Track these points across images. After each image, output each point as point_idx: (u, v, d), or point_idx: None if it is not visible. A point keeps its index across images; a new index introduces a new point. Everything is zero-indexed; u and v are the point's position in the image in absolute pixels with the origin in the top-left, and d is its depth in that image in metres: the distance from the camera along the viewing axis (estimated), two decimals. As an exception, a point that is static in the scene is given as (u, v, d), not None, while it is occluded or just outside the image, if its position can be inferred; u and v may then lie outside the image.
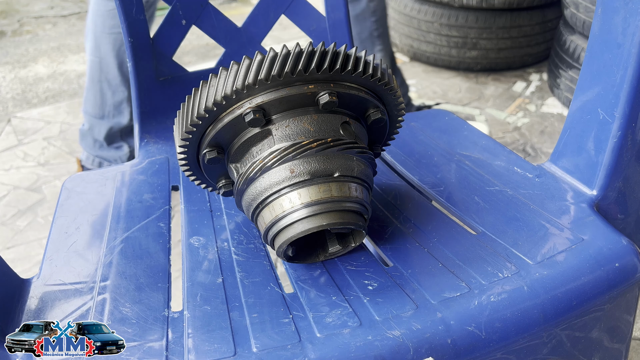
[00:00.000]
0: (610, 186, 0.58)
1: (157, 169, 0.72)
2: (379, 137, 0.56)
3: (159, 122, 0.82)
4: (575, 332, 0.49)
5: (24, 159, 1.85)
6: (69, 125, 2.06)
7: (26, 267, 1.34)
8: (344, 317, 0.45)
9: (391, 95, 0.51)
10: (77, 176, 0.70)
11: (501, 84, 2.21)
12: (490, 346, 0.44)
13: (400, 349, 0.42)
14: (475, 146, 0.72)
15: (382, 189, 0.65)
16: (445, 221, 0.57)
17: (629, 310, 0.52)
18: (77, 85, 2.47)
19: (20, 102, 2.32)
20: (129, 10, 0.76)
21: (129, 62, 0.79)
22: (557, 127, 1.88)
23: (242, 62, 0.44)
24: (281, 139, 0.47)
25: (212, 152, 0.49)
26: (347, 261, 0.52)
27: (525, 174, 0.64)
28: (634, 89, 0.52)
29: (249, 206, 0.49)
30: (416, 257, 0.52)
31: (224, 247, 0.55)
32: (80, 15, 3.63)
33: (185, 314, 0.46)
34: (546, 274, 0.48)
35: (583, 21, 1.80)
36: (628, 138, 0.55)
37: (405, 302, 0.46)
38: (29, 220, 1.52)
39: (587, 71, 0.58)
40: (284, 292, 0.49)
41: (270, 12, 0.88)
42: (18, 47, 3.03)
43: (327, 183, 0.46)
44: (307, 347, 0.42)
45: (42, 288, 0.51)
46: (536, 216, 0.56)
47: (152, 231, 0.59)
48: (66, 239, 0.58)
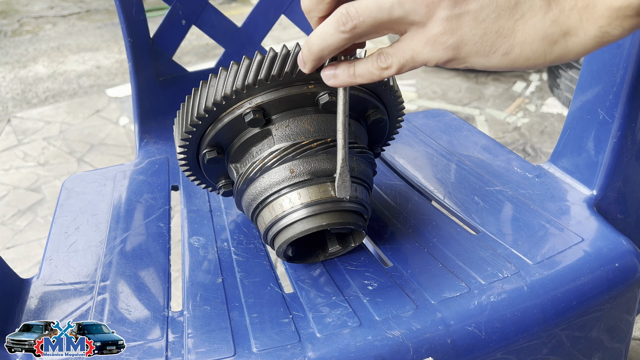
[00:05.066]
0: (610, 186, 0.58)
1: (157, 169, 0.72)
2: (379, 137, 0.56)
3: (159, 122, 0.82)
4: (575, 332, 0.49)
5: (23, 159, 1.85)
6: (68, 125, 2.06)
7: (26, 267, 1.34)
8: (343, 317, 0.45)
9: (391, 95, 0.51)
10: (77, 176, 0.70)
11: (501, 84, 2.21)
12: (490, 346, 0.44)
13: (400, 349, 0.42)
14: (475, 146, 0.72)
15: (382, 189, 0.65)
16: (445, 221, 0.57)
17: (629, 310, 0.52)
18: (77, 85, 2.47)
19: (20, 102, 2.32)
20: (129, 10, 0.76)
21: (129, 62, 0.79)
22: (557, 127, 1.88)
23: (242, 62, 0.44)
24: (281, 139, 0.47)
25: (212, 152, 0.49)
26: (347, 261, 0.52)
27: (525, 174, 0.64)
28: (634, 89, 0.53)
29: (248, 206, 0.49)
30: (416, 257, 0.52)
31: (224, 247, 0.55)
32: (80, 15, 3.63)
33: (185, 314, 0.46)
34: (546, 274, 0.48)
35: (583, 21, 1.80)
36: (628, 138, 0.55)
37: (405, 302, 0.46)
38: (29, 220, 1.52)
39: (587, 71, 0.58)
40: (284, 292, 0.49)
41: (270, 12, 0.88)
42: (18, 47, 3.03)
43: (327, 183, 0.46)
44: (307, 347, 0.42)
45: (42, 288, 0.51)
46: (536, 216, 0.56)
47: (152, 231, 0.59)
48: (66, 239, 0.58)
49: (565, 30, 0.32)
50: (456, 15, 0.33)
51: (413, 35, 0.35)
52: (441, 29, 0.34)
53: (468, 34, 0.33)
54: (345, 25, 0.35)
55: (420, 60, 0.36)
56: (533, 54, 0.33)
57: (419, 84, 2.26)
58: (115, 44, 3.01)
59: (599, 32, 0.31)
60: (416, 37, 0.35)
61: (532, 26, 0.33)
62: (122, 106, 2.20)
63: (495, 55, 0.34)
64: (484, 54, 0.34)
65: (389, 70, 0.37)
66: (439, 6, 0.33)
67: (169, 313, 0.47)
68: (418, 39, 0.35)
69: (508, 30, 0.33)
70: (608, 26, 0.31)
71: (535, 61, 0.34)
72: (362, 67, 0.38)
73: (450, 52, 0.34)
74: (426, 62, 0.36)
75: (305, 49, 0.39)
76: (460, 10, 0.33)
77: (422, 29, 0.34)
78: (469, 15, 0.33)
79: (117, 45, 2.97)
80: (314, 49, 0.38)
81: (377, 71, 0.37)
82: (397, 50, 0.36)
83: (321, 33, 0.37)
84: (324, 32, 0.36)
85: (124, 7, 0.75)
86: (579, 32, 0.32)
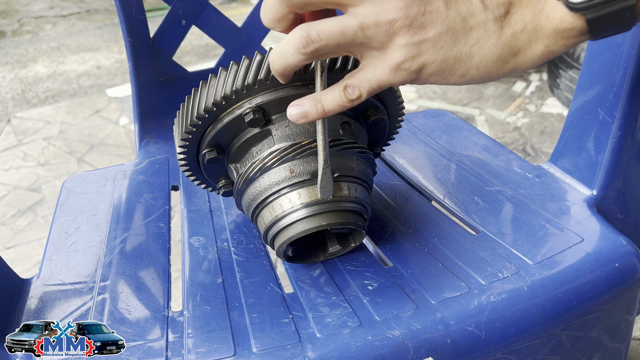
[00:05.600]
0: (610, 186, 0.58)
1: (157, 169, 0.72)
2: (379, 137, 0.56)
3: (159, 122, 0.82)
4: (575, 332, 0.49)
5: (23, 159, 1.85)
6: (68, 125, 2.07)
7: (26, 267, 1.34)
8: (343, 317, 0.45)
9: (391, 95, 0.51)
10: (77, 176, 0.70)
11: (501, 84, 2.21)
12: (490, 346, 0.44)
13: (400, 349, 0.42)
14: (475, 146, 0.72)
15: (382, 189, 0.65)
16: (445, 221, 0.57)
17: (629, 310, 0.52)
18: (77, 85, 2.47)
19: (20, 102, 2.32)
20: (129, 10, 0.76)
21: (129, 62, 0.79)
22: (557, 127, 1.88)
23: (242, 62, 0.44)
24: (281, 139, 0.47)
25: (212, 152, 0.49)
26: (347, 261, 0.52)
27: (525, 174, 0.64)
28: (634, 89, 0.53)
29: (248, 206, 0.49)
30: (416, 257, 0.52)
31: (224, 247, 0.55)
32: (80, 15, 3.63)
33: (185, 314, 0.46)
34: (546, 274, 0.48)
35: (583, 21, 1.80)
36: (628, 138, 0.55)
37: (405, 302, 0.46)
38: (29, 220, 1.52)
39: (587, 71, 0.58)
40: (284, 292, 0.49)
41: (270, 12, 0.88)
42: (18, 47, 3.03)
43: (327, 183, 0.46)
44: (307, 347, 0.42)
45: (42, 288, 0.51)
46: (536, 216, 0.56)
47: (152, 231, 0.59)
48: (66, 239, 0.58)
49: (515, 51, 0.35)
50: (415, 43, 0.35)
51: (376, 63, 0.37)
52: (402, 56, 0.35)
53: (429, 59, 0.35)
54: (306, 48, 0.36)
55: (386, 85, 0.37)
56: (487, 74, 0.36)
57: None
58: (115, 44, 3.01)
59: (545, 50, 0.34)
60: (379, 66, 0.36)
61: (487, 49, 0.35)
62: (122, 106, 2.20)
63: (453, 77, 0.36)
64: (443, 76, 0.36)
65: (359, 99, 0.38)
66: (398, 34, 0.34)
67: (169, 313, 0.47)
68: (382, 68, 0.36)
69: (465, 55, 0.35)
70: (553, 45, 0.34)
71: (488, 79, 0.37)
72: (330, 102, 0.39)
73: (413, 75, 0.36)
74: (391, 85, 0.37)
75: (270, 64, 0.39)
76: (419, 38, 0.35)
77: (383, 55, 0.36)
78: (428, 42, 0.35)
79: (117, 45, 2.97)
80: (276, 67, 0.39)
81: (347, 103, 0.39)
82: (363, 81, 0.38)
83: (282, 52, 0.37)
84: (285, 51, 0.37)
85: (124, 7, 0.75)
86: (528, 51, 0.35)
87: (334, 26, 0.35)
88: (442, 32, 0.34)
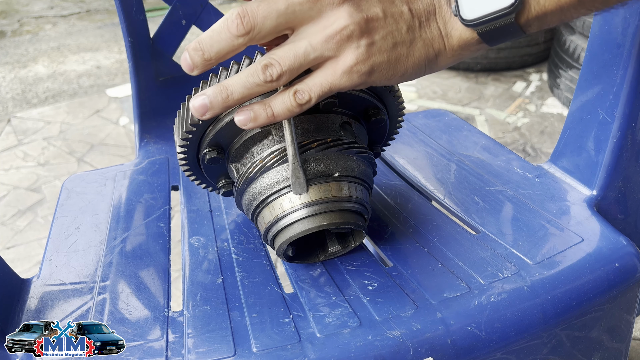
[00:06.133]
0: (610, 186, 0.58)
1: (157, 169, 0.72)
2: (379, 137, 0.56)
3: (159, 122, 0.82)
4: (575, 332, 0.49)
5: (23, 159, 1.85)
6: (68, 125, 2.07)
7: (26, 267, 1.34)
8: (343, 317, 0.45)
9: (391, 96, 0.51)
10: (77, 176, 0.70)
11: (501, 84, 2.21)
12: (490, 346, 0.44)
13: (400, 349, 0.42)
14: (475, 146, 0.72)
15: (382, 189, 0.65)
16: (445, 221, 0.57)
17: (629, 310, 0.52)
18: (77, 85, 2.47)
19: (20, 102, 2.33)
20: (129, 10, 0.76)
21: (129, 62, 0.79)
22: (557, 127, 1.88)
23: (242, 62, 0.44)
24: (281, 139, 0.47)
25: (212, 152, 0.49)
26: (347, 261, 0.52)
27: (525, 174, 0.64)
28: (634, 89, 0.53)
29: (249, 206, 0.49)
30: (416, 257, 0.52)
31: (224, 247, 0.55)
32: (80, 15, 3.63)
33: (185, 314, 0.46)
34: (546, 274, 0.48)
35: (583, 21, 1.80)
36: (628, 138, 0.55)
37: (405, 302, 0.46)
38: (29, 220, 1.53)
39: (587, 71, 0.58)
40: (284, 292, 0.49)
41: (270, 12, 0.88)
42: (18, 47, 3.03)
43: (327, 183, 0.46)
44: (307, 347, 0.42)
45: (42, 288, 0.51)
46: (536, 216, 0.56)
47: (152, 231, 0.59)
48: (66, 239, 0.58)
49: (436, 53, 0.41)
50: (365, 46, 0.38)
51: (327, 68, 0.39)
52: (354, 60, 0.38)
53: (377, 61, 0.39)
54: (272, 76, 0.39)
55: (338, 88, 0.40)
56: (419, 72, 0.41)
57: (419, 84, 2.26)
58: (115, 44, 3.01)
59: (456, 54, 0.41)
60: (331, 69, 0.39)
61: (418, 50, 0.40)
62: (122, 106, 2.20)
63: (396, 77, 0.41)
64: (388, 77, 0.40)
65: (308, 103, 0.40)
66: (349, 41, 0.38)
67: (169, 313, 0.47)
68: (334, 71, 0.39)
69: (404, 57, 0.40)
70: (461, 50, 0.41)
71: (417, 77, 0.42)
72: (279, 107, 0.40)
73: (364, 78, 0.39)
74: (343, 89, 0.40)
75: (223, 90, 0.41)
76: (367, 41, 0.38)
77: (336, 61, 0.39)
78: (375, 46, 0.39)
79: (117, 45, 2.97)
80: (231, 90, 0.41)
81: (296, 108, 0.40)
82: (314, 85, 0.39)
83: (243, 80, 0.40)
84: (245, 80, 0.40)
85: (124, 7, 0.75)
86: (446, 53, 0.41)
87: (288, 51, 0.38)
88: (384, 36, 0.39)
